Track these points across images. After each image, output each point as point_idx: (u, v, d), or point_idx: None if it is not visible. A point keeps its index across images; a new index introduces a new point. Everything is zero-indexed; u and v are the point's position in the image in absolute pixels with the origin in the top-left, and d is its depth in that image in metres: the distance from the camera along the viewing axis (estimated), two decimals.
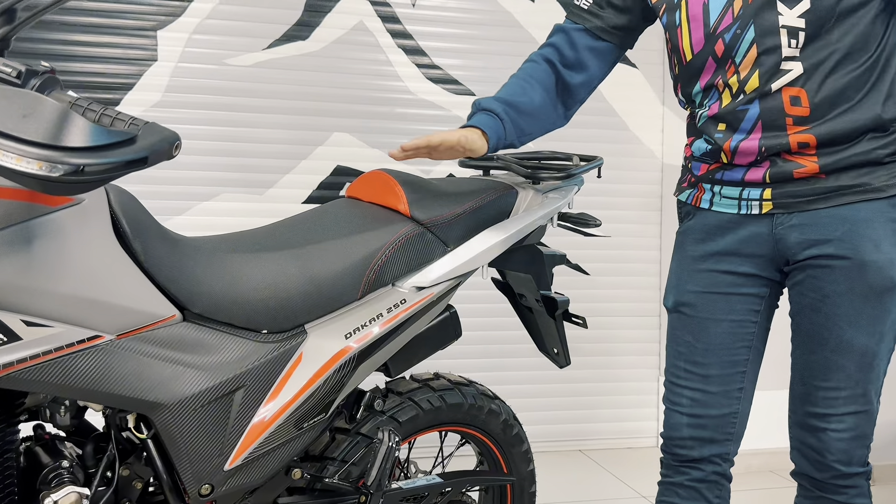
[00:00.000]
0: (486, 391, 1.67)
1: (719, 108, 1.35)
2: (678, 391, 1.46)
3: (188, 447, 1.16)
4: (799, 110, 1.29)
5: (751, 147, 1.33)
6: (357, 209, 1.42)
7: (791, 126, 1.30)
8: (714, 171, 1.40)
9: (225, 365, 1.19)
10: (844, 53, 1.27)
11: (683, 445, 1.46)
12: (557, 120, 1.54)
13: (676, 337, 1.47)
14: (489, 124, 1.42)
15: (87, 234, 1.05)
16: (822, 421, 1.34)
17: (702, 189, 1.43)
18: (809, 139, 1.29)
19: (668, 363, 1.50)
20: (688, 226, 1.47)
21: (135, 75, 2.73)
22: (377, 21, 2.94)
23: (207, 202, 2.81)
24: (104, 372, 1.08)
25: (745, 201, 1.36)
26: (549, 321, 1.63)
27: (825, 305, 1.31)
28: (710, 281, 1.41)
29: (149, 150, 0.82)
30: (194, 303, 1.18)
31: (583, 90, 1.53)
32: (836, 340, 1.31)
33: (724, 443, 1.46)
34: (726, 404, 1.43)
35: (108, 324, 1.08)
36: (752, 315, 1.41)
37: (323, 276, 1.28)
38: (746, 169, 1.35)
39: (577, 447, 3.17)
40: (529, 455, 1.71)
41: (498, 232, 1.44)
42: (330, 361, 1.28)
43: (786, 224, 1.34)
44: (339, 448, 1.46)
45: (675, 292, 1.46)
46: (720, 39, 1.32)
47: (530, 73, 1.49)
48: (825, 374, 1.33)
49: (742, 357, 1.43)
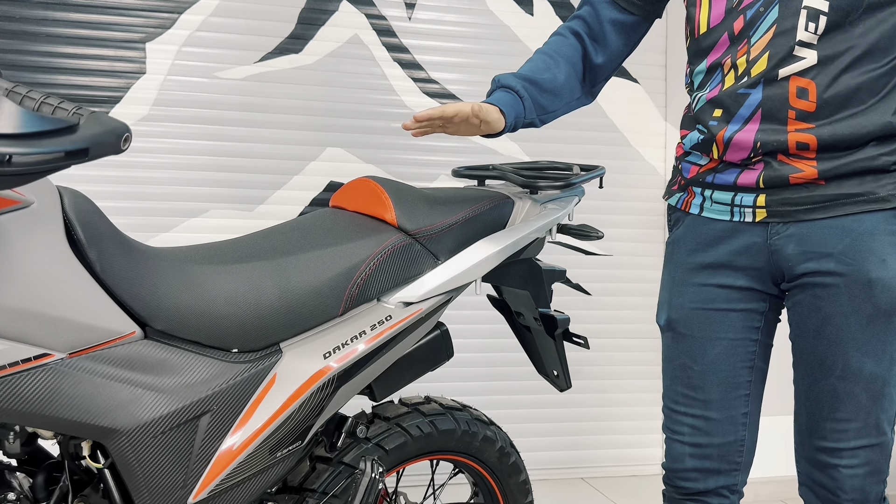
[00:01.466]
0: (481, 416, 1.56)
1: (720, 91, 1.24)
2: (678, 418, 1.36)
3: (147, 478, 1.05)
4: (804, 104, 1.18)
5: (745, 140, 1.21)
6: (340, 219, 1.32)
7: (793, 121, 1.19)
8: (705, 174, 1.29)
9: (190, 387, 1.08)
10: (865, 50, 1.16)
11: (687, 477, 1.35)
12: (583, 97, 1.46)
13: (672, 358, 1.36)
14: (507, 101, 1.34)
15: (35, 240, 0.95)
16: (833, 456, 1.22)
17: (692, 193, 1.33)
18: (810, 140, 1.18)
19: (666, 387, 1.39)
20: (678, 235, 1.37)
21: (122, 88, 2.66)
22: (372, 34, 2.87)
23: (196, 218, 2.73)
24: (53, 394, 0.97)
25: (737, 207, 1.26)
26: (549, 341, 1.53)
27: (828, 329, 1.20)
28: (705, 296, 1.31)
29: (91, 140, 0.72)
30: (156, 318, 1.07)
31: (608, 67, 1.45)
32: (842, 368, 1.19)
33: (730, 473, 1.35)
34: (731, 431, 1.33)
35: (58, 341, 0.98)
36: (751, 332, 1.31)
37: (300, 289, 1.18)
38: (739, 171, 1.24)
39: (578, 475, 3.05)
40: (528, 486, 1.60)
41: (492, 243, 1.35)
42: (307, 383, 1.17)
43: (782, 234, 1.23)
44: (319, 479, 1.35)
45: (668, 308, 1.36)
46: (741, 15, 1.21)
47: (555, 48, 1.43)
48: (832, 404, 1.21)
49: (744, 379, 1.32)
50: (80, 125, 0.73)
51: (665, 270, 1.39)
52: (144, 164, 2.68)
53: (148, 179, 2.68)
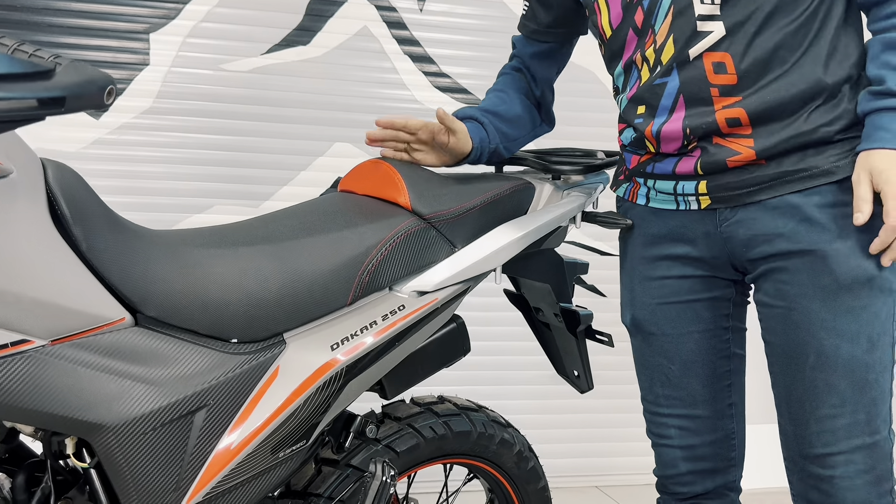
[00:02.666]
0: (498, 418, 1.47)
1: (638, 87, 1.20)
2: (663, 421, 1.30)
3: (136, 479, 0.96)
4: (724, 78, 1.12)
5: (674, 130, 1.15)
6: (349, 202, 1.23)
7: (718, 98, 1.12)
8: (644, 164, 1.24)
9: (184, 380, 0.99)
10: (773, 6, 1.09)
11: (683, 482, 1.29)
12: (542, 125, 1.48)
13: (646, 360, 1.31)
14: (471, 128, 1.33)
15: (13, 214, 0.86)
16: (825, 466, 1.11)
17: (637, 183, 1.28)
18: (740, 114, 1.11)
19: (644, 390, 1.33)
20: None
21: (125, 80, 2.60)
22: (382, 27, 2.80)
23: (200, 214, 2.66)
24: (32, 385, 0.88)
25: (680, 196, 1.20)
26: (570, 339, 1.44)
27: (794, 315, 1.12)
28: (667, 290, 1.25)
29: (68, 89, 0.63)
30: (148, 304, 0.98)
31: (549, 94, 1.49)
32: (815, 354, 1.11)
33: (727, 471, 1.29)
34: (720, 426, 1.27)
35: (38, 326, 0.88)
36: (722, 320, 1.26)
37: (306, 276, 1.09)
38: (677, 159, 1.18)
39: (592, 483, 2.97)
40: (547, 493, 1.51)
41: (513, 229, 1.25)
42: (312, 377, 1.07)
43: (730, 220, 1.17)
44: (325, 482, 1.26)
45: (631, 308, 1.31)
46: (639, 7, 1.17)
47: (504, 84, 1.47)
48: (812, 401, 1.11)
49: (724, 369, 1.27)
50: (57, 72, 0.64)
51: (623, 268, 1.34)
52: (147, 158, 2.61)
53: (151, 174, 2.61)
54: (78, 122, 2.55)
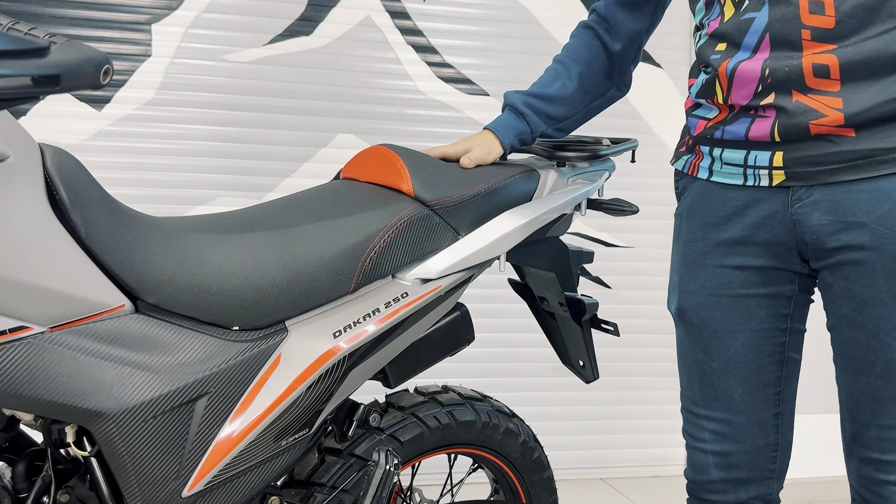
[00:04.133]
0: (503, 408, 1.45)
1: (721, 21, 1.08)
2: (698, 422, 1.20)
3: (137, 467, 0.95)
4: (820, 20, 0.99)
5: (752, 70, 1.03)
6: (352, 189, 1.22)
7: (808, 43, 1.00)
8: (713, 129, 1.11)
9: (185, 367, 0.97)
10: None
11: (714, 489, 1.20)
12: (613, 92, 1.39)
13: (686, 353, 1.19)
14: (504, 122, 1.30)
15: (11, 199, 0.85)
16: (882, 471, 1.06)
17: (699, 154, 1.15)
18: (830, 61, 0.99)
19: (683, 386, 1.22)
20: (686, 206, 1.19)
21: (127, 72, 2.58)
22: (386, 17, 2.78)
23: (202, 206, 2.65)
24: (31, 372, 0.87)
25: (751, 169, 1.08)
26: (575, 328, 1.42)
27: (863, 318, 1.03)
28: (720, 280, 1.13)
29: (63, 67, 0.62)
30: (148, 291, 0.97)
31: (629, 51, 1.35)
32: (883, 363, 1.03)
33: (763, 482, 1.18)
34: (759, 436, 1.16)
35: (36, 312, 0.87)
36: (779, 321, 1.14)
37: (308, 263, 1.07)
38: (750, 121, 1.05)
39: (597, 475, 2.95)
40: (552, 483, 1.49)
41: (517, 216, 1.24)
42: (314, 364, 1.06)
43: (805, 200, 1.05)
44: (328, 472, 1.25)
45: (679, 294, 1.19)
46: None
47: (567, 55, 1.36)
48: (875, 408, 1.05)
49: (772, 375, 1.15)
50: (53, 50, 0.63)
51: (675, 249, 1.22)
52: (149, 150, 2.60)
53: (153, 166, 2.60)
54: (80, 114, 2.54)
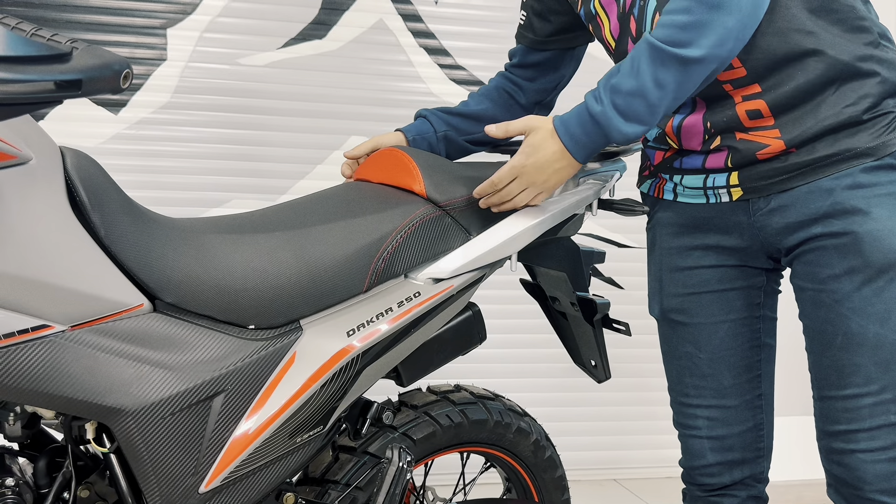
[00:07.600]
0: (515, 407, 1.46)
1: None
2: (691, 412, 1.29)
3: (155, 464, 0.97)
4: (731, 73, 1.11)
5: (695, 124, 1.15)
6: (365, 190, 1.24)
7: (733, 91, 1.12)
8: (671, 159, 1.22)
9: (202, 365, 0.99)
10: None
11: (710, 473, 1.29)
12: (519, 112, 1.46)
13: (674, 350, 1.30)
14: (414, 125, 1.40)
15: (33, 200, 0.87)
16: (847, 441, 1.10)
17: (662, 179, 1.27)
18: (760, 105, 1.10)
19: (672, 380, 1.32)
20: (658, 219, 1.30)
21: (142, 76, 2.61)
22: (398, 20, 2.80)
23: (217, 209, 2.67)
24: (52, 370, 0.89)
25: (710, 190, 1.19)
26: (587, 328, 1.43)
27: (824, 294, 1.11)
28: (697, 280, 1.25)
29: (85, 72, 0.64)
30: (166, 290, 0.99)
31: (542, 99, 1.47)
32: (843, 335, 1.10)
33: (755, 461, 1.28)
34: (749, 417, 1.26)
35: (58, 311, 0.90)
36: (753, 309, 1.25)
37: (322, 263, 1.09)
38: (704, 156, 1.17)
39: (610, 476, 2.95)
40: (564, 482, 1.50)
41: (528, 216, 1.25)
42: (329, 363, 1.08)
43: (764, 209, 1.15)
44: (342, 469, 1.27)
45: (661, 297, 1.30)
46: (631, 17, 1.17)
47: (479, 92, 1.49)
48: (840, 379, 1.11)
49: (754, 359, 1.26)
50: (74, 55, 0.65)
51: (650, 259, 1.33)
52: (165, 152, 2.62)
53: (168, 168, 2.62)
54: (97, 118, 2.58)
